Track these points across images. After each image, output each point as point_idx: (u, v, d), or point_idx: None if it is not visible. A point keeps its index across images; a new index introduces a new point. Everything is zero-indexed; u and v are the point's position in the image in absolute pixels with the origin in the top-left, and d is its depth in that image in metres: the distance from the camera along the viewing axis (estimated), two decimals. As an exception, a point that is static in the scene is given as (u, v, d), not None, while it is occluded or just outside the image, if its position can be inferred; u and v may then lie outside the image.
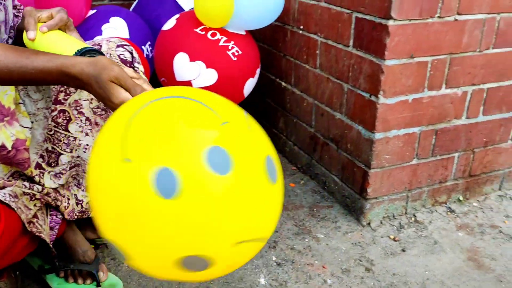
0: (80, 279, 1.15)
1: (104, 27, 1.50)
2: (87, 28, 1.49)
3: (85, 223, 1.30)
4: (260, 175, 0.67)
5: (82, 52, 0.91)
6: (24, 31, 0.99)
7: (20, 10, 1.12)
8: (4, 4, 0.99)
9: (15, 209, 0.92)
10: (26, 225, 0.94)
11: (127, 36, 1.55)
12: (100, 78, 0.78)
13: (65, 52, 0.92)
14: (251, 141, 0.70)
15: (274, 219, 0.72)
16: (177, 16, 1.60)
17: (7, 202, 0.92)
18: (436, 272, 1.30)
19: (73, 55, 0.91)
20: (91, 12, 1.58)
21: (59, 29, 1.03)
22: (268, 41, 1.91)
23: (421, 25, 1.28)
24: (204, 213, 0.63)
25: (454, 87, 1.42)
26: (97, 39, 1.13)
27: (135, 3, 1.86)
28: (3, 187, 0.96)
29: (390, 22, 1.24)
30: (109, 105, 0.80)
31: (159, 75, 1.62)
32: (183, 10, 1.77)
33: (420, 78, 1.36)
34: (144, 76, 1.05)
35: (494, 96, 1.51)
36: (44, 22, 1.00)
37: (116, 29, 1.51)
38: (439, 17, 1.30)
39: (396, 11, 1.23)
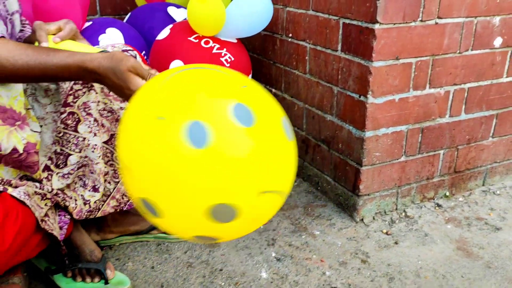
0: (88, 278, 1.18)
1: (101, 38, 1.55)
2: (85, 38, 1.54)
3: (89, 226, 1.34)
4: (278, 130, 0.75)
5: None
6: (36, 43, 1.04)
7: (25, 25, 1.17)
8: (11, 19, 1.05)
9: (30, 206, 0.96)
10: (40, 223, 0.98)
11: (123, 46, 1.60)
12: (118, 69, 0.84)
13: None
14: (268, 102, 0.78)
15: (291, 174, 0.78)
16: (170, 26, 1.66)
17: (22, 199, 0.95)
18: (428, 261, 1.37)
19: None
20: (87, 24, 1.63)
21: (70, 39, 1.08)
22: (257, 50, 1.98)
23: (405, 28, 1.37)
24: (233, 160, 0.69)
25: (437, 86, 1.51)
26: (102, 46, 1.18)
27: (127, 16, 1.92)
28: (16, 187, 1.00)
29: (376, 26, 1.33)
30: (127, 93, 0.85)
31: (155, 84, 1.67)
32: (175, 21, 1.83)
33: (406, 79, 1.44)
34: None
35: (474, 95, 1.60)
36: (54, 34, 1.06)
37: (112, 39, 1.57)
38: (421, 20, 1.38)
39: (381, 16, 1.32)
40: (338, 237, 1.48)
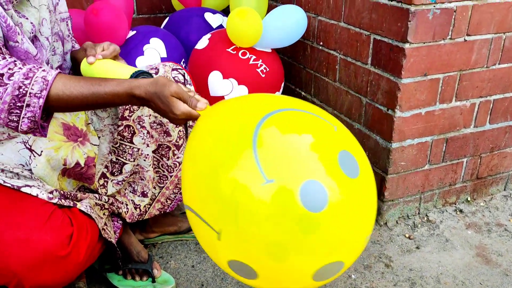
0: (137, 277, 1.32)
1: (145, 48, 1.65)
2: (131, 49, 1.65)
3: (133, 227, 1.47)
4: (371, 176, 0.70)
5: (137, 74, 1.07)
6: (84, 58, 1.15)
7: (73, 42, 1.31)
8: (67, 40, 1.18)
9: (95, 219, 1.09)
10: (102, 232, 1.10)
11: (164, 54, 1.70)
12: (162, 94, 0.91)
13: (122, 74, 1.09)
14: (355, 141, 0.71)
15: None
16: (208, 36, 1.75)
17: (89, 213, 1.08)
18: (448, 267, 1.46)
19: (130, 76, 1.07)
20: (131, 33, 1.73)
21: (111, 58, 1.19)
22: (288, 54, 2.06)
23: (434, 46, 1.43)
24: (349, 218, 0.62)
25: (463, 99, 1.57)
26: (154, 64, 1.29)
27: (165, 20, 2.01)
28: (81, 200, 1.12)
29: (407, 45, 1.39)
30: (171, 116, 0.93)
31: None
32: (211, 26, 1.92)
33: (433, 93, 1.50)
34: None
35: (500, 107, 1.66)
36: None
37: (155, 49, 1.67)
38: (450, 38, 1.44)
39: (412, 36, 1.38)
40: (363, 240, 1.58)
